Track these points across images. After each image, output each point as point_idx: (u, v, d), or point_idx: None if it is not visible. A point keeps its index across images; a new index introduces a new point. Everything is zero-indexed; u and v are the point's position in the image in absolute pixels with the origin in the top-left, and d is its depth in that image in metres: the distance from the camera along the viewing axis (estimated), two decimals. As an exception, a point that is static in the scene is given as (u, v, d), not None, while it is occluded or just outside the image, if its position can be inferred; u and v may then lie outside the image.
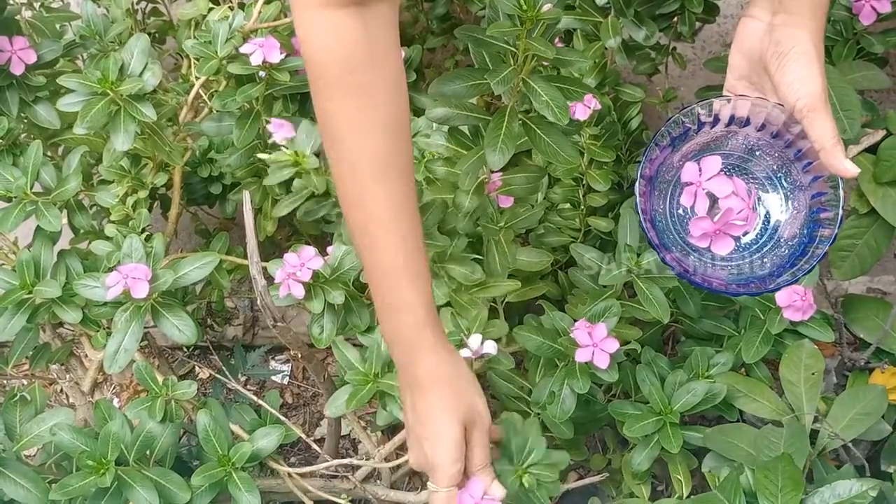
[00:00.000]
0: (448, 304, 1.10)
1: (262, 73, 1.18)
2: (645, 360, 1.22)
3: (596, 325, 1.07)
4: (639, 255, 1.13)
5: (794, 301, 1.15)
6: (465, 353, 1.05)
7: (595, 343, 1.06)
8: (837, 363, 1.37)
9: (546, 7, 0.78)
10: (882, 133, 1.27)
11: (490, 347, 1.05)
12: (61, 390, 1.71)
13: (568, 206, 1.34)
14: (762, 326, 1.20)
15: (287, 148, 1.07)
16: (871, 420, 1.16)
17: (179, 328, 1.07)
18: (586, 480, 1.29)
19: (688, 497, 1.19)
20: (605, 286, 1.15)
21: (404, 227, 0.77)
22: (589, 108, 1.20)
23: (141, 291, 1.03)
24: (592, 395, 1.22)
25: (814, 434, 1.16)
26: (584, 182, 1.30)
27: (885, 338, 1.32)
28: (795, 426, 1.12)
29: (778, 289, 0.81)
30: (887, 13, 1.24)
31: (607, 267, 1.15)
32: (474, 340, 1.05)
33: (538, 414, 1.15)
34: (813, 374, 1.18)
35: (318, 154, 1.04)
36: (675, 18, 1.34)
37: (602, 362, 1.05)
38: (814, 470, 1.15)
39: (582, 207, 1.33)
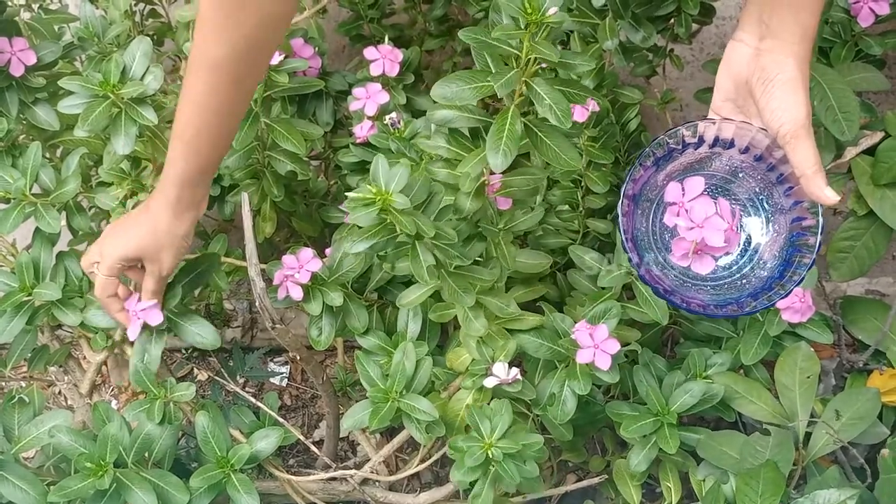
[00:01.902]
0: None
1: (261, 75, 1.18)
2: (643, 361, 1.22)
3: (597, 326, 1.07)
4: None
5: (793, 303, 1.15)
6: (492, 380, 1.07)
7: (596, 344, 1.06)
8: (836, 365, 1.37)
9: (552, 11, 0.78)
10: (880, 135, 1.28)
11: (515, 373, 1.07)
12: (60, 392, 1.70)
13: (567, 207, 1.34)
14: (761, 328, 1.20)
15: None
16: (865, 424, 1.16)
17: (201, 335, 1.09)
18: (584, 482, 1.29)
19: (676, 504, 1.19)
20: (604, 288, 1.15)
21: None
22: (587, 109, 1.20)
23: (155, 320, 1.05)
24: (592, 397, 1.22)
25: (809, 438, 1.16)
26: (582, 184, 1.31)
27: (883, 339, 1.32)
28: (782, 434, 1.11)
29: (754, 312, 0.81)
30: (886, 15, 1.25)
31: (607, 268, 1.15)
32: (500, 368, 1.06)
33: (538, 415, 1.15)
34: (808, 377, 1.18)
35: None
36: (672, 20, 1.34)
37: (603, 363, 1.05)
38: (808, 474, 1.15)
39: (581, 209, 1.33)
